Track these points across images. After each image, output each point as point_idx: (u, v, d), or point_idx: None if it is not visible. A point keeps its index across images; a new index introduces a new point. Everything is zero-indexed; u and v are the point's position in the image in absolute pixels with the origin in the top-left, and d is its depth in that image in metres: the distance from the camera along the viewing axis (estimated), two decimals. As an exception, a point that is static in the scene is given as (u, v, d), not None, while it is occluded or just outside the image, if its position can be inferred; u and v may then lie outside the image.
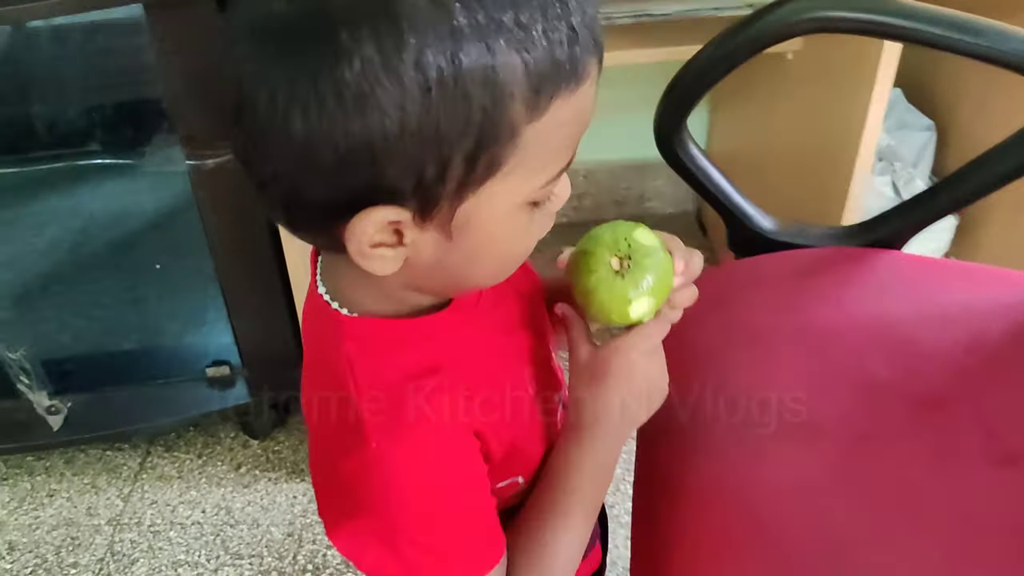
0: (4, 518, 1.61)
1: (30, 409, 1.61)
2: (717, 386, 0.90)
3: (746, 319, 0.97)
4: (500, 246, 0.59)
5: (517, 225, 0.58)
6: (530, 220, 0.59)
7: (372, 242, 0.55)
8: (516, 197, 0.56)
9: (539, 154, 0.54)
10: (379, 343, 0.64)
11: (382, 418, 0.61)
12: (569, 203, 2.08)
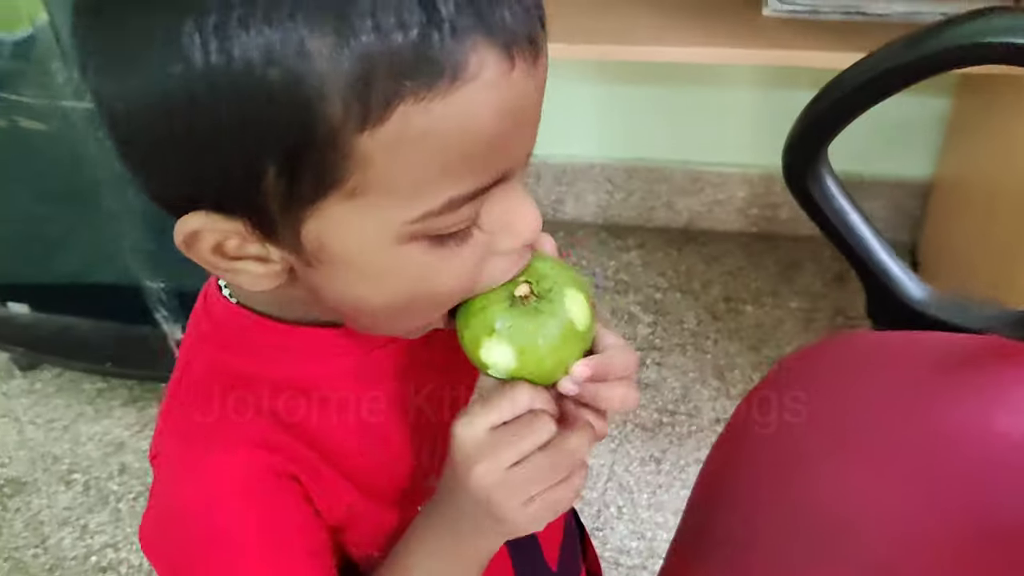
0: (125, 440, 1.65)
1: (163, 339, 1.62)
2: (790, 494, 0.72)
3: (857, 410, 0.78)
4: (390, 284, 0.48)
5: (409, 262, 0.46)
6: (440, 258, 0.47)
7: (222, 253, 0.47)
8: (385, 227, 0.45)
9: (401, 175, 0.42)
10: (234, 333, 0.56)
11: (181, 412, 0.56)
12: (763, 212, 1.94)
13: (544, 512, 0.51)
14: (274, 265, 0.48)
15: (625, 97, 1.81)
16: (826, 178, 0.82)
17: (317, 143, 0.41)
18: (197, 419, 0.55)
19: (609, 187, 1.91)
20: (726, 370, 1.62)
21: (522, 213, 0.48)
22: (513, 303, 0.51)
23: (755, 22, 1.30)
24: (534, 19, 0.43)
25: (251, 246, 0.47)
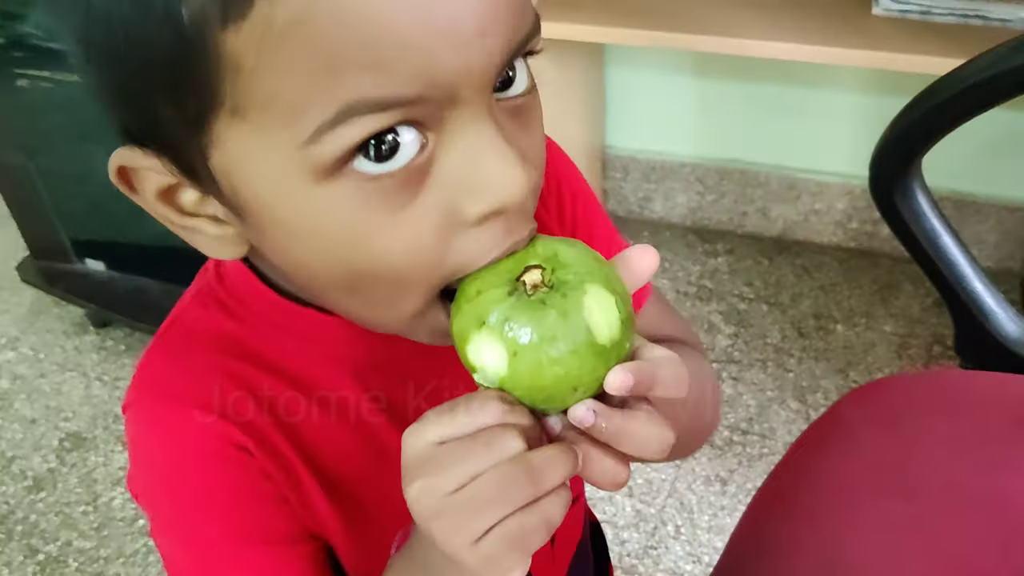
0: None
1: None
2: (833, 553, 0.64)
3: (923, 457, 0.69)
4: (321, 243, 0.41)
5: (331, 210, 0.39)
6: (376, 212, 0.39)
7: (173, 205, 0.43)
8: (285, 157, 0.38)
9: (276, 79, 0.36)
10: (236, 297, 0.51)
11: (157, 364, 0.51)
12: (863, 227, 1.81)
13: (502, 551, 0.39)
14: (227, 228, 0.43)
15: (722, 94, 1.71)
16: (917, 194, 0.73)
17: (186, 52, 0.36)
18: (171, 375, 0.50)
19: (700, 188, 1.82)
20: (808, 392, 1.52)
21: (492, 164, 0.39)
22: (515, 291, 0.40)
23: (864, 21, 1.20)
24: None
25: (187, 193, 0.43)
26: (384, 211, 0.39)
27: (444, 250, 0.40)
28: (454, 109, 0.38)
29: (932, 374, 0.77)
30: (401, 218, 0.39)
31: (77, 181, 1.64)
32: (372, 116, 0.37)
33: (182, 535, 0.51)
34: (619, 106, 1.78)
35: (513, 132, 0.40)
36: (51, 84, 1.47)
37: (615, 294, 0.41)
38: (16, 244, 1.95)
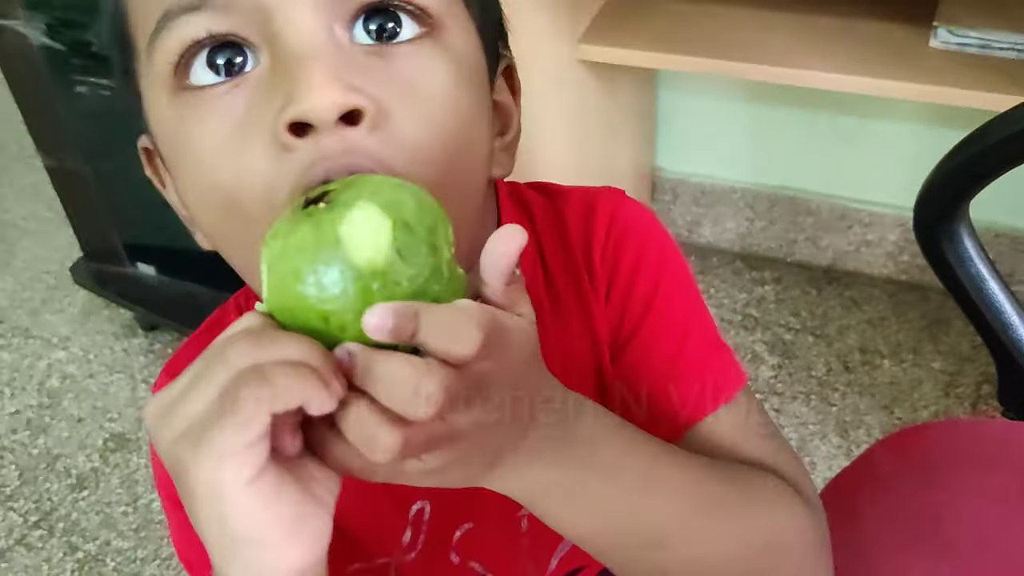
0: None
1: (274, 318, 1.63)
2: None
3: (958, 512, 0.67)
4: (182, 165, 0.45)
5: (171, 117, 0.43)
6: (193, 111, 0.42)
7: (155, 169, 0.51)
8: (149, 65, 0.44)
9: (136, 12, 0.44)
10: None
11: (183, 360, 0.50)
12: (914, 260, 1.76)
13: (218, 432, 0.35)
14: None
15: (774, 121, 1.69)
16: (963, 238, 0.71)
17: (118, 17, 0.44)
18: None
19: (750, 214, 1.80)
20: (851, 427, 1.49)
21: (302, 73, 0.39)
22: (300, 208, 0.37)
23: (921, 54, 1.18)
24: None
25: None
26: (216, 123, 0.42)
27: (270, 172, 0.41)
28: (275, 24, 0.40)
29: (970, 423, 0.75)
30: (228, 129, 0.41)
31: (131, 187, 1.65)
32: (185, 17, 0.41)
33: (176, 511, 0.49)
34: (670, 129, 1.77)
35: (369, 70, 0.41)
36: (109, 92, 1.50)
37: (397, 215, 0.36)
38: (72, 246, 2.00)
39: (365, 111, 0.40)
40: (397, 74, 0.42)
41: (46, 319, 1.88)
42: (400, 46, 0.43)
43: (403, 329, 0.34)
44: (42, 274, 1.99)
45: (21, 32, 1.46)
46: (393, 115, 0.41)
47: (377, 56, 0.42)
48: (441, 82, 0.44)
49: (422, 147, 0.42)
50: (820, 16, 1.26)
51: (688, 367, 0.55)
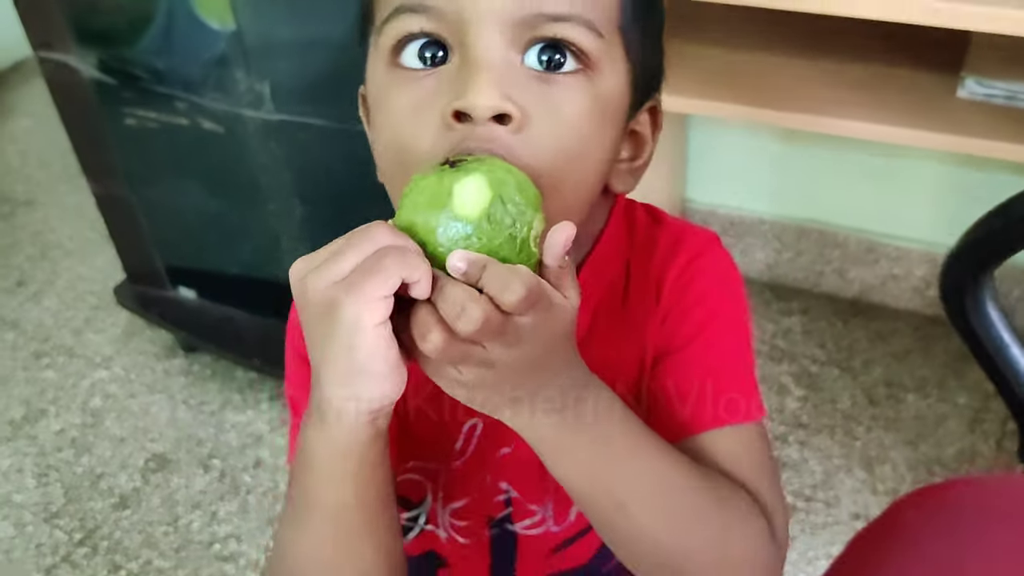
0: (265, 434, 1.70)
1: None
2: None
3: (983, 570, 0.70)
4: (378, 126, 0.59)
5: (382, 85, 0.57)
6: (396, 83, 0.56)
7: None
8: (376, 47, 0.58)
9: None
10: None
11: None
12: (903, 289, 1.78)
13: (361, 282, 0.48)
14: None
15: (803, 155, 1.72)
16: (987, 305, 0.74)
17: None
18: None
19: (778, 245, 1.83)
20: (876, 462, 1.51)
21: (472, 77, 0.52)
22: (439, 165, 0.51)
23: (948, 104, 1.20)
24: None
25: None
26: (408, 96, 0.55)
27: (434, 139, 0.54)
28: (469, 31, 0.53)
29: (993, 479, 0.77)
30: (415, 103, 0.55)
31: (175, 213, 1.72)
32: (410, 15, 0.54)
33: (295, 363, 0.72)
34: (700, 162, 1.80)
35: (528, 89, 0.54)
36: (157, 125, 1.55)
37: (498, 191, 0.49)
38: (114, 267, 2.05)
39: (512, 116, 0.53)
40: (548, 96, 0.55)
41: (89, 338, 1.94)
42: (559, 76, 0.55)
43: (471, 273, 0.47)
44: (86, 294, 2.04)
45: (73, 66, 1.52)
46: (533, 125, 0.54)
47: (538, 79, 0.55)
48: (579, 111, 0.56)
49: (547, 153, 0.54)
50: (850, 63, 1.29)
51: (710, 386, 0.64)
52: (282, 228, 1.56)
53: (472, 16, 0.53)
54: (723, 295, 0.66)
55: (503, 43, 0.53)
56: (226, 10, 1.34)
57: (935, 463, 1.50)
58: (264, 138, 1.43)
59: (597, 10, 0.56)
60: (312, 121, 1.40)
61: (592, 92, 0.56)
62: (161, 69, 1.48)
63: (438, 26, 0.54)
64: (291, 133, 1.42)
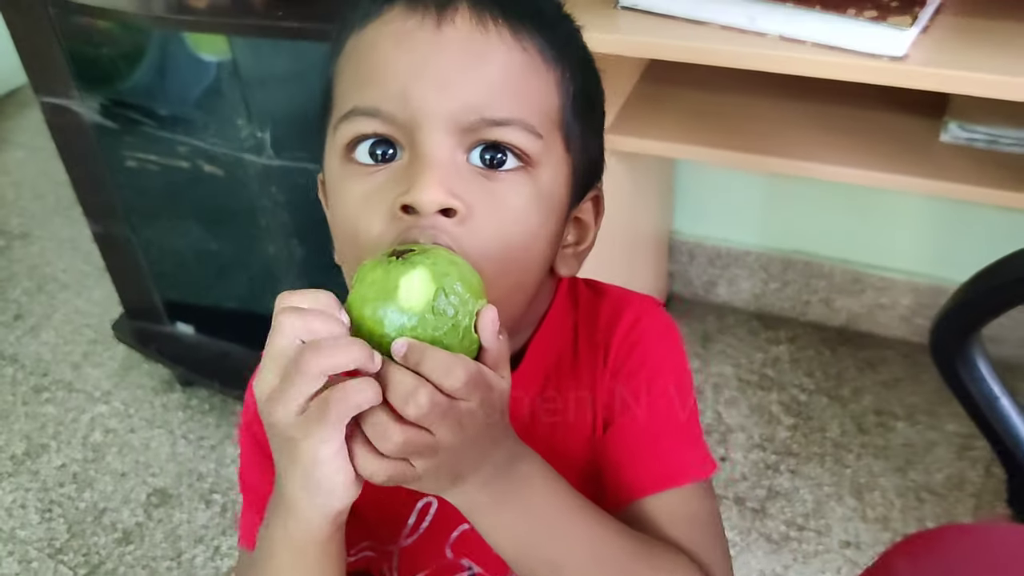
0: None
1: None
2: None
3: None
4: (332, 211, 0.64)
5: (336, 176, 0.62)
6: (348, 175, 0.60)
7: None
8: (331, 137, 0.62)
9: (341, 90, 0.61)
10: None
11: None
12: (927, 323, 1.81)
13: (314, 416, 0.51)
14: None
15: (788, 188, 1.76)
16: (977, 359, 0.78)
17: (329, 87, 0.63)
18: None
19: (764, 276, 1.87)
20: (865, 490, 1.55)
21: (421, 174, 0.56)
22: (387, 255, 0.54)
23: (931, 149, 1.24)
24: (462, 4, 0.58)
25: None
26: (360, 187, 0.59)
27: (383, 228, 0.58)
28: (419, 131, 0.57)
29: (987, 529, 0.81)
30: (366, 194, 0.59)
31: (174, 251, 1.74)
32: (363, 118, 0.59)
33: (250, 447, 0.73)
34: (687, 195, 1.84)
35: (471, 184, 0.58)
36: (156, 167, 1.58)
37: (440, 283, 0.53)
38: (110, 300, 2.07)
39: (456, 210, 0.57)
40: (491, 191, 0.59)
41: (87, 372, 1.96)
42: (501, 173, 0.59)
43: (411, 357, 0.51)
44: (83, 327, 2.06)
45: (75, 110, 1.54)
46: (476, 217, 0.58)
47: (482, 176, 0.59)
48: (521, 205, 0.60)
49: (491, 243, 0.58)
50: (834, 107, 1.32)
51: (652, 451, 0.68)
52: (280, 267, 1.59)
53: (422, 121, 0.57)
54: (665, 355, 0.71)
55: (450, 144, 0.58)
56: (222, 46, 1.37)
57: (924, 490, 1.54)
58: (263, 182, 1.46)
59: (537, 113, 0.60)
60: (311, 166, 1.42)
61: (532, 187, 0.60)
62: (163, 114, 1.51)
63: (390, 128, 0.58)
64: (290, 177, 1.44)
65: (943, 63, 0.97)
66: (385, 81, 0.57)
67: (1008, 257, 0.74)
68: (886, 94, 1.11)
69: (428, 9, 0.57)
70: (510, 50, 0.58)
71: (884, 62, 0.98)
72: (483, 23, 0.57)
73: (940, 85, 0.98)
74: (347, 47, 0.61)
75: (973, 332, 0.76)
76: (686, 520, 0.67)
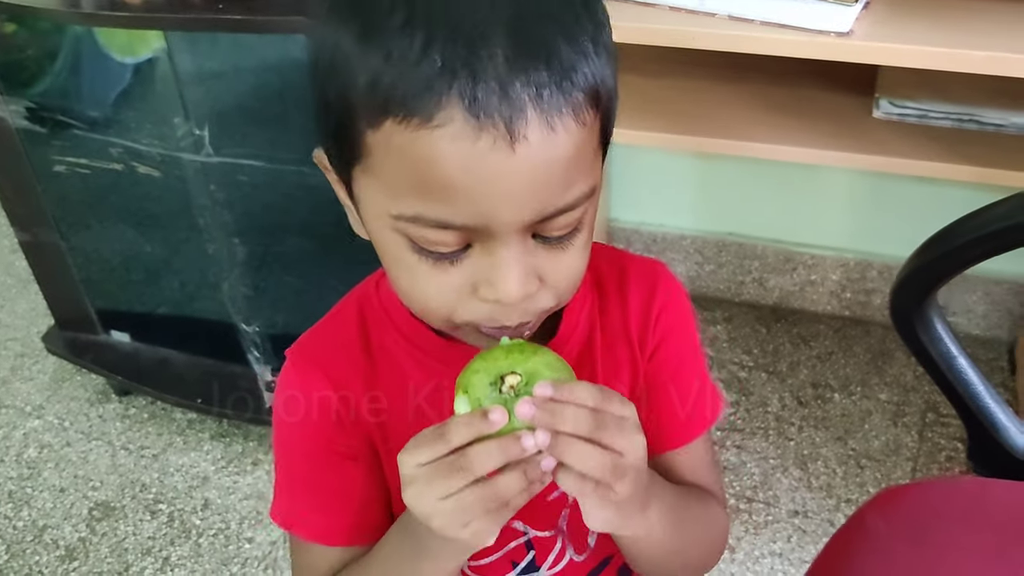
0: (210, 474, 1.70)
1: (254, 380, 1.67)
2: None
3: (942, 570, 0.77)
4: (386, 260, 0.61)
5: (393, 247, 0.58)
6: (423, 263, 0.57)
7: (335, 179, 0.62)
8: (381, 208, 0.57)
9: (386, 171, 0.55)
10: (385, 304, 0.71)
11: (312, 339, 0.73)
12: (856, 297, 1.90)
13: (486, 529, 0.56)
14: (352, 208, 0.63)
15: (719, 171, 1.81)
16: (934, 321, 0.81)
17: (352, 125, 0.55)
18: (317, 346, 0.72)
19: (699, 259, 1.91)
20: (809, 460, 1.60)
21: (501, 273, 0.56)
22: (496, 385, 0.57)
23: (864, 125, 1.29)
24: (528, 109, 0.51)
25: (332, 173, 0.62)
26: (428, 269, 0.57)
27: (457, 304, 0.59)
28: (491, 235, 0.55)
29: (950, 482, 0.85)
30: (438, 277, 0.57)
31: (107, 257, 1.70)
32: (433, 229, 0.55)
33: (279, 441, 0.73)
34: (622, 181, 1.87)
35: (542, 258, 0.58)
36: (87, 171, 1.53)
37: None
38: (36, 312, 2.01)
39: (535, 292, 0.58)
40: (557, 259, 0.59)
41: (17, 387, 1.89)
42: (558, 240, 0.58)
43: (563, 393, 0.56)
44: (8, 341, 1.99)
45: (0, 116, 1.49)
46: (549, 283, 0.59)
47: (546, 248, 0.58)
48: (582, 246, 0.60)
49: (562, 294, 0.61)
50: (768, 87, 1.36)
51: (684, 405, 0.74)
52: (221, 268, 1.56)
53: (497, 230, 0.55)
54: (687, 314, 0.76)
55: (522, 238, 0.56)
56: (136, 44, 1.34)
57: (863, 457, 1.60)
58: (202, 180, 1.43)
59: (592, 165, 0.58)
60: (252, 162, 1.41)
61: (588, 228, 0.61)
62: (93, 115, 1.47)
63: (460, 233, 0.55)
64: (230, 174, 1.42)
65: (886, 37, 1.01)
66: (456, 200, 0.53)
67: (958, 221, 0.77)
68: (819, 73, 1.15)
69: (497, 126, 0.50)
70: (573, 136, 0.53)
71: (830, 38, 1.01)
72: (551, 123, 0.52)
73: (884, 59, 1.02)
74: (388, 130, 0.53)
75: (929, 295, 0.79)
76: (706, 464, 0.76)
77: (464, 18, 0.50)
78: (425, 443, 0.56)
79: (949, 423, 1.62)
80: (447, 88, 0.50)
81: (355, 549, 0.71)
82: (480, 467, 0.54)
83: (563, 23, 0.53)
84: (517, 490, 0.55)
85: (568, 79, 0.52)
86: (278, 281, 1.59)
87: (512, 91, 0.50)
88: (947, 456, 1.59)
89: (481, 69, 0.50)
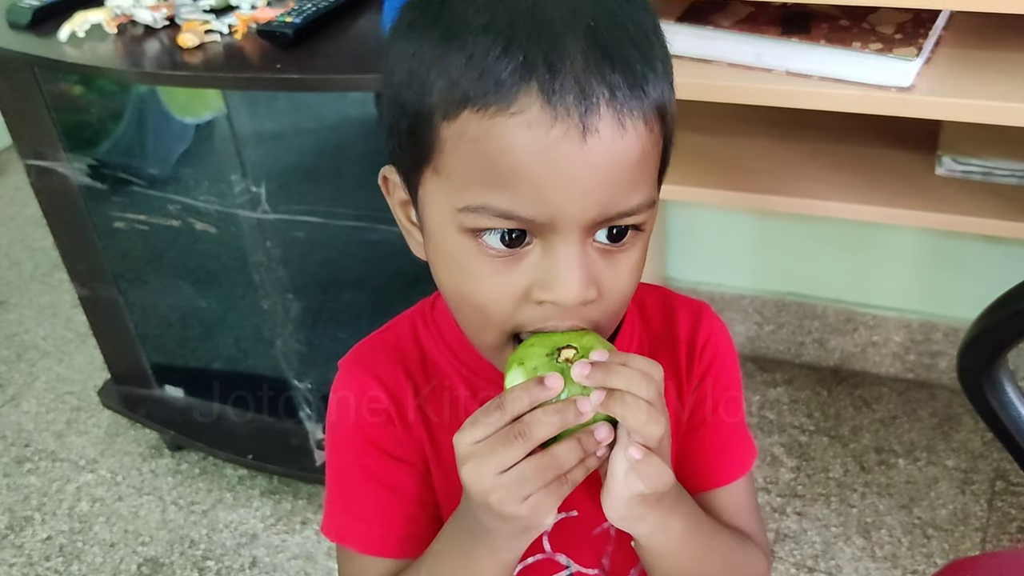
0: (259, 532, 1.68)
1: (305, 437, 1.66)
2: None
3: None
4: (450, 268, 0.61)
5: (459, 250, 0.58)
6: (484, 263, 0.58)
7: (406, 214, 0.65)
8: (446, 201, 0.58)
9: (458, 163, 0.56)
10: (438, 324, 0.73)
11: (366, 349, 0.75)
12: (920, 359, 1.85)
13: (545, 502, 0.56)
14: (415, 232, 0.65)
15: (779, 230, 1.78)
16: (1004, 385, 0.77)
17: (425, 123, 0.56)
18: (371, 356, 0.73)
19: (759, 319, 1.87)
20: (872, 528, 1.54)
21: (561, 274, 0.57)
22: (552, 356, 0.58)
23: (927, 181, 1.26)
24: (602, 105, 0.53)
25: (399, 197, 0.64)
26: (489, 269, 0.58)
27: (514, 309, 0.59)
28: (554, 231, 0.56)
29: (1012, 555, 0.80)
30: (497, 278, 0.58)
31: (162, 313, 1.72)
32: (499, 218, 0.56)
33: (331, 446, 0.74)
34: (680, 240, 1.85)
35: (600, 266, 0.59)
36: (146, 227, 1.56)
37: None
38: (93, 366, 2.04)
39: (593, 298, 0.59)
40: (614, 264, 0.60)
41: (72, 441, 1.91)
42: (622, 245, 0.60)
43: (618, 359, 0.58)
44: (65, 395, 2.02)
45: (62, 173, 1.52)
46: (605, 293, 0.60)
47: (605, 253, 0.59)
48: (637, 261, 0.62)
49: (618, 306, 0.62)
50: (829, 144, 1.34)
51: (730, 445, 0.76)
52: (275, 324, 1.57)
53: (560, 225, 0.56)
54: (733, 358, 0.77)
55: (583, 238, 0.57)
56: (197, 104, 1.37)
57: (930, 526, 1.53)
58: (258, 237, 1.45)
59: (653, 177, 0.60)
60: (308, 219, 1.42)
61: (644, 241, 0.62)
62: (152, 173, 1.50)
63: (523, 224, 0.57)
64: (286, 231, 1.43)
65: (948, 92, 0.99)
66: (523, 189, 0.54)
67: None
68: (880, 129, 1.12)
69: (571, 116, 0.53)
70: (642, 139, 0.56)
71: (891, 93, 0.99)
72: (622, 122, 0.54)
73: (946, 113, 1.00)
74: (464, 119, 0.55)
75: (998, 358, 0.76)
76: (747, 508, 0.76)
77: (544, 23, 0.53)
78: (482, 416, 0.57)
79: (1020, 491, 1.55)
80: (527, 79, 0.52)
81: (405, 561, 0.71)
82: (538, 433, 0.55)
83: (637, 40, 0.56)
84: (574, 459, 0.56)
85: (640, 87, 0.55)
86: (332, 337, 1.58)
87: (588, 88, 0.53)
88: (1018, 527, 1.52)
89: (560, 66, 0.52)
